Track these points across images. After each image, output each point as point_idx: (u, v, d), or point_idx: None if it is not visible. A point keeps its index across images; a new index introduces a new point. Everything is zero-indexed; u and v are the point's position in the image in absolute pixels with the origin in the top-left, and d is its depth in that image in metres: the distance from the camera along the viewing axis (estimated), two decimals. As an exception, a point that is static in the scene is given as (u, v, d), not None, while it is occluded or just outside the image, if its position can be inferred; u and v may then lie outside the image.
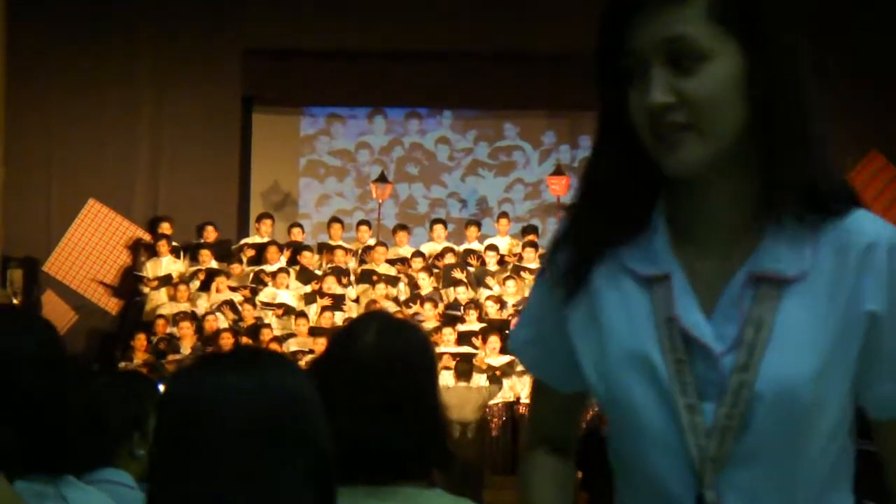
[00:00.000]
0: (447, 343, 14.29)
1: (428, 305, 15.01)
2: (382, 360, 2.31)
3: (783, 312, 1.70)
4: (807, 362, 1.69)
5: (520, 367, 14.27)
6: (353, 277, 15.90)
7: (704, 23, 1.69)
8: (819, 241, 1.72)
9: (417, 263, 15.84)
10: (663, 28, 1.71)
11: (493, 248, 16.15)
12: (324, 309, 14.95)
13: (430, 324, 14.78)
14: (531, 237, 16.51)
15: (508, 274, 15.80)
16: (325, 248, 16.41)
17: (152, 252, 16.25)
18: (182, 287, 15.57)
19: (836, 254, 1.71)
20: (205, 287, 15.75)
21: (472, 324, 14.80)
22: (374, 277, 15.54)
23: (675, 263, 1.76)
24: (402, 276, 15.81)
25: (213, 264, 15.95)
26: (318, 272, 15.91)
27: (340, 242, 16.49)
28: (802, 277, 1.71)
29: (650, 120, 1.73)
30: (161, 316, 15.16)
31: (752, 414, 1.68)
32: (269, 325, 14.76)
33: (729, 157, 1.72)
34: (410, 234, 16.95)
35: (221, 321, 14.96)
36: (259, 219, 16.85)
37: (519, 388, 14.29)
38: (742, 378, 1.69)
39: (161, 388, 3.49)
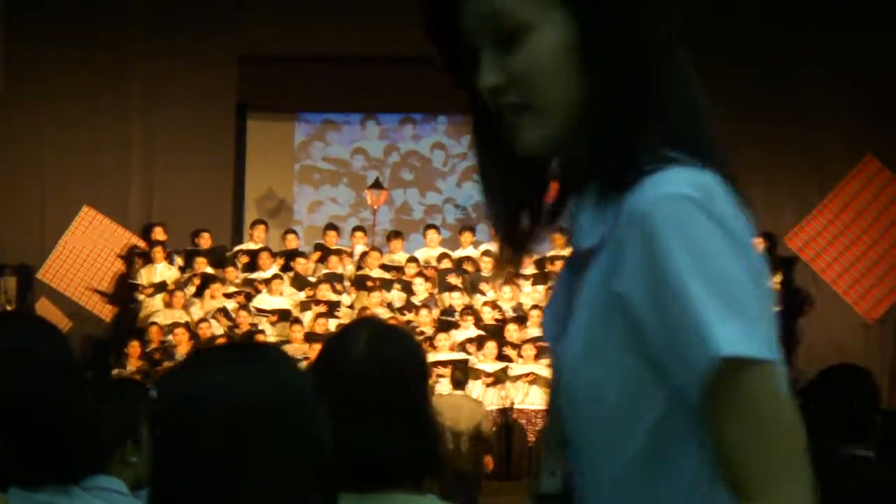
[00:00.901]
0: (442, 349, 14.28)
1: (423, 312, 15.01)
2: (374, 367, 2.31)
3: (583, 290, 1.59)
4: (575, 344, 1.58)
5: (513, 373, 14.27)
6: (347, 284, 15.88)
7: None
8: (621, 209, 1.52)
9: (412, 269, 15.84)
10: (480, 4, 1.60)
11: (488, 253, 16.15)
12: (318, 315, 14.94)
13: (425, 330, 14.78)
14: (526, 243, 16.48)
15: (504, 279, 15.78)
16: (321, 249, 16.38)
17: (147, 259, 16.24)
18: (178, 293, 15.55)
19: (620, 223, 1.53)
20: (200, 293, 15.74)
21: (467, 329, 14.80)
22: (369, 283, 15.53)
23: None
24: (396, 282, 15.80)
25: (209, 270, 15.94)
26: (313, 279, 15.90)
27: (336, 247, 16.49)
28: (598, 249, 1.56)
29: (491, 104, 1.64)
30: (155, 323, 15.15)
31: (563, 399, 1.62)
32: (263, 332, 14.76)
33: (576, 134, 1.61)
34: (405, 241, 16.95)
35: (216, 328, 14.95)
36: (253, 225, 16.84)
37: (513, 393, 14.29)
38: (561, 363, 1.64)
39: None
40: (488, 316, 15.14)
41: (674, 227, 1.46)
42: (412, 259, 16.07)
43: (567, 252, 1.69)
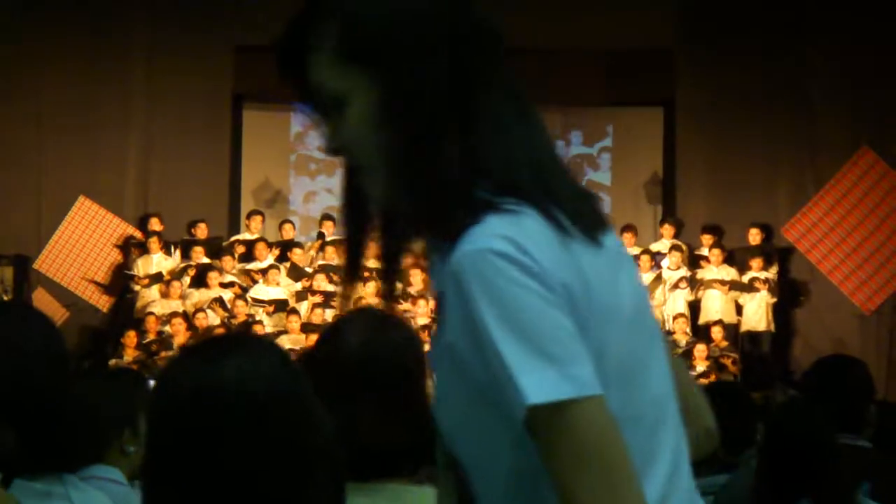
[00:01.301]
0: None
1: (421, 302, 15.01)
2: (370, 356, 2.31)
3: (437, 334, 1.66)
4: (437, 388, 1.66)
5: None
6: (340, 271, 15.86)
7: (336, 66, 1.65)
8: (448, 260, 1.60)
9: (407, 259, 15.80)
10: (311, 75, 1.68)
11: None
12: (314, 306, 14.95)
13: (422, 320, 14.78)
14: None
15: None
16: (321, 237, 16.35)
17: (143, 249, 16.23)
18: (174, 284, 15.55)
19: (445, 275, 1.60)
20: (196, 283, 15.74)
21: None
22: (366, 273, 15.50)
23: None
24: (393, 272, 15.77)
25: (205, 261, 15.93)
26: (309, 269, 15.90)
27: (332, 238, 16.48)
28: (441, 296, 1.63)
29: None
30: (151, 313, 15.15)
31: None
32: (260, 322, 14.76)
33: None
34: (401, 231, 16.91)
35: (213, 318, 14.96)
36: (249, 216, 16.84)
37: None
38: None
39: (152, 384, 3.49)
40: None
41: (479, 281, 1.51)
42: (408, 249, 16.05)
43: None
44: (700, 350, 14.43)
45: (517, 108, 1.69)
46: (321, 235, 16.46)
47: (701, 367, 14.21)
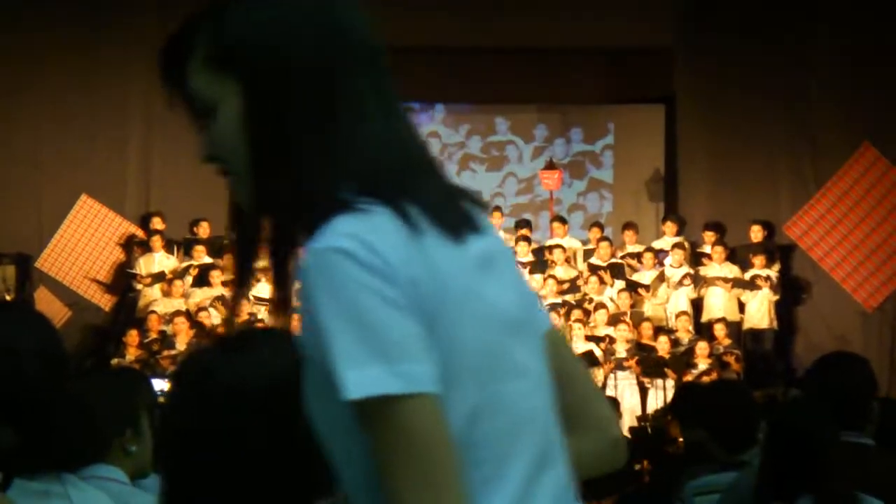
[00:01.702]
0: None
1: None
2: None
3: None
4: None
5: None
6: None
7: (207, 73, 1.70)
8: None
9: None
10: (189, 83, 1.74)
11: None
12: (317, 304, 14.95)
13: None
14: (524, 231, 16.52)
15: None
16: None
17: (145, 248, 16.24)
18: (177, 283, 15.55)
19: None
20: (198, 282, 15.75)
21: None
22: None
23: None
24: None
25: (207, 260, 15.93)
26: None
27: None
28: None
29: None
30: (154, 312, 15.15)
31: None
32: (262, 321, 14.76)
33: None
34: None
35: (215, 316, 14.96)
36: (251, 214, 16.83)
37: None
38: None
39: (155, 383, 3.49)
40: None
41: (321, 278, 1.54)
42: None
43: (566, 241, 1.73)
44: (702, 348, 14.42)
45: (383, 108, 1.71)
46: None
47: (703, 364, 14.20)
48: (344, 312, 1.52)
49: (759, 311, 15.57)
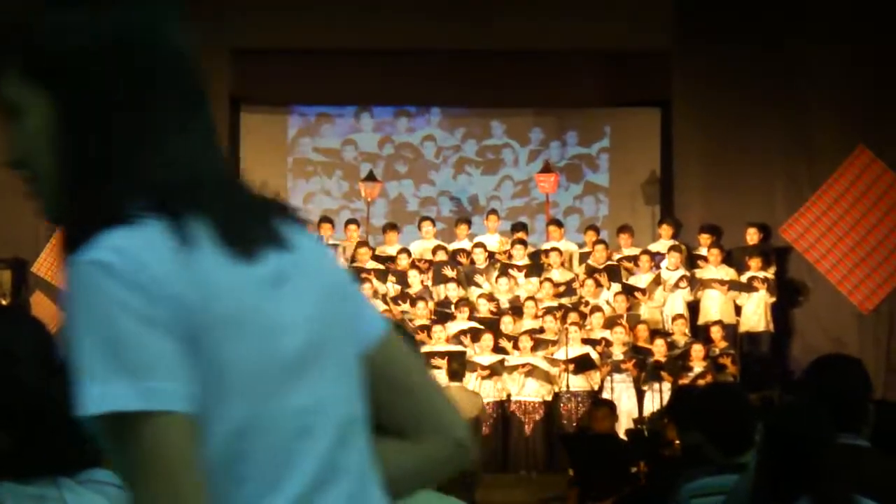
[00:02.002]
0: (438, 341, 14.29)
1: (420, 304, 15.01)
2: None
3: None
4: None
5: (509, 364, 14.29)
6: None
7: (19, 80, 1.67)
8: None
9: (403, 260, 15.85)
10: (1, 88, 1.71)
11: (480, 245, 16.16)
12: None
13: (420, 321, 14.79)
14: (520, 235, 16.53)
15: (499, 271, 15.81)
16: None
17: (141, 252, 16.21)
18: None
19: None
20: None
21: (462, 322, 14.81)
22: (363, 275, 15.53)
23: None
24: (390, 273, 15.80)
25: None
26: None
27: (330, 243, 16.50)
28: None
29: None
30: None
31: None
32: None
33: None
34: (400, 233, 16.96)
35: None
36: (247, 218, 16.82)
37: (510, 385, 14.30)
38: None
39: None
40: (484, 308, 15.15)
41: (77, 291, 1.56)
42: (403, 250, 16.09)
43: (562, 245, 1.72)
44: (697, 350, 14.43)
45: (185, 120, 1.69)
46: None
47: (698, 367, 14.21)
48: (95, 326, 1.53)
49: (756, 313, 15.58)
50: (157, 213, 1.58)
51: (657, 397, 13.95)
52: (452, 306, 15.18)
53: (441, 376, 13.58)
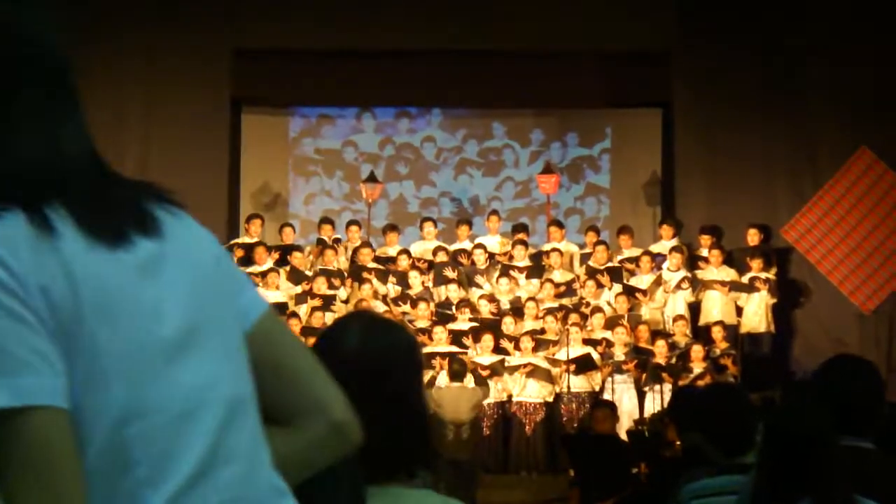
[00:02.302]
0: (439, 342, 14.29)
1: (422, 305, 15.00)
2: (367, 359, 2.31)
3: None
4: None
5: (509, 365, 14.28)
6: (343, 278, 15.86)
7: None
8: None
9: (404, 261, 15.84)
10: None
11: (480, 246, 16.15)
12: (314, 310, 14.94)
13: (422, 323, 14.78)
14: (521, 235, 16.52)
15: (500, 272, 15.81)
16: (321, 244, 16.36)
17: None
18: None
19: None
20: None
21: (463, 323, 14.80)
22: (364, 274, 15.53)
23: None
24: (391, 274, 15.80)
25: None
26: (309, 273, 15.90)
27: (331, 239, 16.49)
28: None
29: None
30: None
31: None
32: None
33: None
34: (401, 234, 16.96)
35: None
36: (248, 219, 16.83)
37: (511, 386, 14.29)
38: None
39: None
40: (485, 309, 15.14)
41: None
42: (404, 251, 16.09)
43: (563, 246, 1.71)
44: (697, 351, 14.41)
45: (49, 110, 1.68)
46: (321, 241, 16.44)
47: (698, 368, 14.20)
48: None
49: (757, 314, 15.58)
50: (15, 206, 1.56)
51: (658, 398, 13.94)
52: (453, 307, 15.17)
53: (442, 377, 13.59)
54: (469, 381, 13.83)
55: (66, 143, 1.68)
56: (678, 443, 7.43)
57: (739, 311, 15.67)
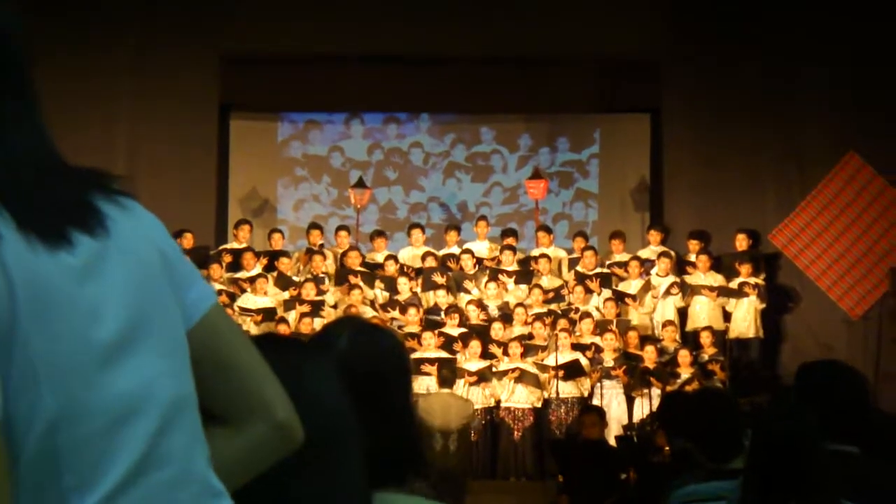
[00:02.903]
0: (428, 347, 14.28)
1: (412, 311, 14.99)
2: (355, 364, 2.30)
3: None
4: None
5: (497, 370, 14.27)
6: (328, 282, 15.84)
7: None
8: None
9: (391, 267, 15.83)
10: None
11: (468, 251, 16.15)
12: (303, 315, 14.92)
13: (410, 328, 14.76)
14: (510, 240, 16.52)
15: (488, 277, 15.81)
16: (309, 252, 16.35)
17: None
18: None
19: None
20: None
21: (452, 328, 14.79)
22: (352, 278, 15.51)
23: None
24: (379, 279, 15.79)
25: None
26: (297, 278, 15.88)
27: (319, 244, 16.47)
28: None
29: None
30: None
31: None
32: (248, 332, 14.71)
33: None
34: (389, 240, 16.95)
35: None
36: (237, 225, 16.81)
37: (499, 391, 14.28)
38: None
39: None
40: (473, 314, 15.14)
41: None
42: (391, 257, 16.08)
43: (551, 251, 1.71)
44: (684, 356, 14.40)
45: (12, 108, 1.69)
46: (309, 250, 16.41)
47: (685, 373, 14.20)
48: None
49: (745, 319, 15.59)
50: None
51: (647, 403, 13.94)
52: (442, 313, 15.17)
53: (431, 383, 13.57)
54: (458, 387, 13.83)
55: (11, 143, 1.65)
56: (667, 448, 7.43)
57: (728, 316, 15.68)
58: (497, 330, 14.76)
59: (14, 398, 1.51)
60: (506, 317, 15.17)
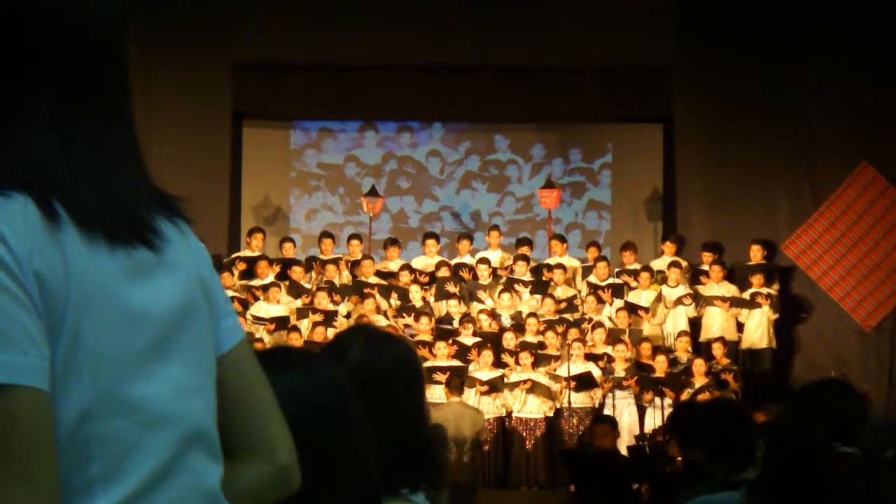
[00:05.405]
0: (441, 357, 14.27)
1: (424, 319, 14.99)
2: (368, 373, 2.31)
3: None
4: None
5: (508, 381, 14.26)
6: (344, 293, 15.84)
7: None
8: None
9: (405, 277, 15.82)
10: None
11: (484, 261, 16.14)
12: (315, 324, 14.92)
13: (423, 336, 14.76)
14: (523, 250, 16.51)
15: (502, 287, 15.79)
16: (314, 261, 16.38)
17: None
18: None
19: None
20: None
21: (466, 338, 14.78)
22: (365, 290, 15.52)
23: None
24: (393, 289, 15.78)
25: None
26: (309, 286, 15.89)
27: (332, 257, 16.48)
28: None
29: None
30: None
31: None
32: (261, 340, 14.74)
33: None
34: (402, 249, 16.95)
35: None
36: (250, 233, 16.82)
37: (510, 402, 14.27)
38: None
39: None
40: (486, 324, 15.13)
41: None
42: (406, 266, 16.07)
43: (565, 260, 1.72)
44: (698, 365, 14.39)
45: (72, 109, 1.68)
46: (319, 260, 16.41)
47: (699, 382, 14.18)
48: None
49: (758, 330, 15.56)
50: (24, 190, 1.57)
51: (658, 414, 13.93)
52: (455, 322, 15.16)
53: (441, 392, 13.57)
54: (469, 396, 13.82)
55: (90, 140, 1.70)
56: (679, 459, 7.42)
57: (740, 326, 15.65)
58: (509, 339, 14.76)
59: (56, 381, 1.54)
60: (518, 326, 15.16)
